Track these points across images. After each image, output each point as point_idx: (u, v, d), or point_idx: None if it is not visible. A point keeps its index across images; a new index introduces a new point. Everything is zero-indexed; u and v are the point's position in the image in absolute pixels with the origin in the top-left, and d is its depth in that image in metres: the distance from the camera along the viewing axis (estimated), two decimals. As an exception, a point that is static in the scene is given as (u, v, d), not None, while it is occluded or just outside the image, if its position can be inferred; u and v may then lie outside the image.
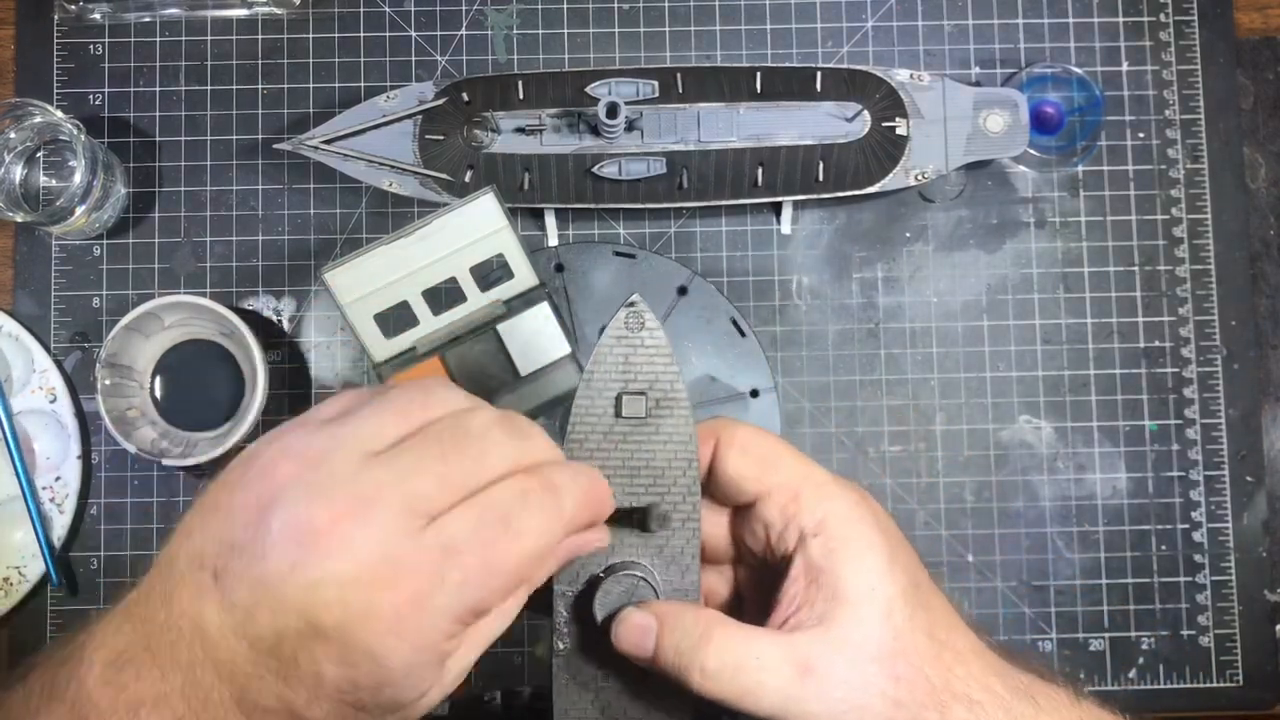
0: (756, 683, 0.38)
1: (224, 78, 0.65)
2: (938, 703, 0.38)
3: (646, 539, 0.41)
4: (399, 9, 0.66)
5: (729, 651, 0.38)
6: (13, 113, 0.61)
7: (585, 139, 0.60)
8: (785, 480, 0.41)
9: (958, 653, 0.39)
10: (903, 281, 0.65)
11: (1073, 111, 0.65)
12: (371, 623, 0.31)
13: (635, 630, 0.39)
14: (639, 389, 0.41)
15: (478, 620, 0.34)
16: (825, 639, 0.38)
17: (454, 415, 0.35)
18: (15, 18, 0.66)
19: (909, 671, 0.38)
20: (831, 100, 0.61)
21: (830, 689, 0.38)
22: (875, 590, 0.39)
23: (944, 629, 0.40)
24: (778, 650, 0.38)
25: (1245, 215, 0.65)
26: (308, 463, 0.33)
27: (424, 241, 0.55)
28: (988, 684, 0.39)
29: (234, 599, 0.32)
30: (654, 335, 0.42)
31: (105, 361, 0.59)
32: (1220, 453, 0.64)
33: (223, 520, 0.33)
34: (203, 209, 0.65)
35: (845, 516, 0.40)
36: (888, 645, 0.38)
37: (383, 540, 0.31)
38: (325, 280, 0.54)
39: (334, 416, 0.35)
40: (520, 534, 0.34)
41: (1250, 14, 0.67)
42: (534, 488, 0.34)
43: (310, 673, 0.32)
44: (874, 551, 0.39)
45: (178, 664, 0.32)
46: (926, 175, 0.61)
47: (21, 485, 0.62)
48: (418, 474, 0.33)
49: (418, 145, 0.60)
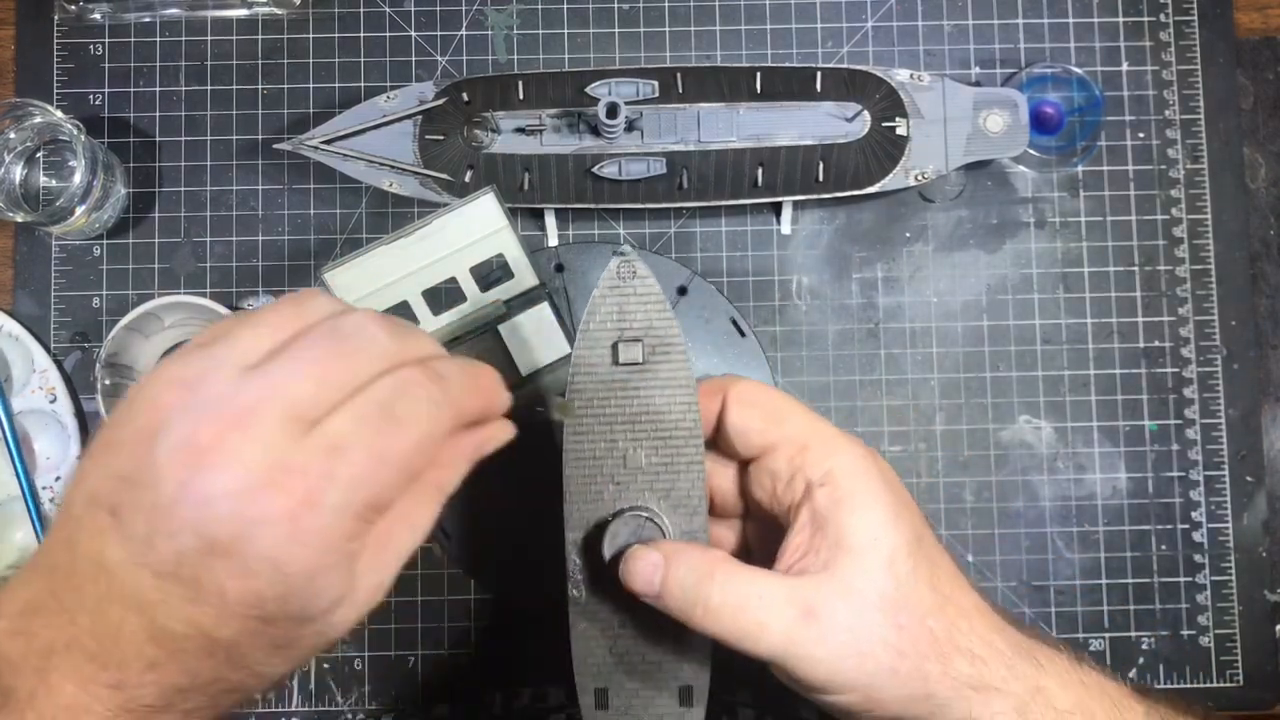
0: (759, 622, 0.38)
1: (224, 78, 0.65)
2: (940, 653, 0.38)
3: (652, 481, 0.42)
4: (399, 9, 0.66)
5: (732, 590, 0.38)
6: (13, 113, 0.61)
7: (585, 139, 0.61)
8: (793, 433, 0.41)
9: (961, 608, 0.40)
10: (903, 281, 0.65)
11: (1073, 111, 0.65)
12: (266, 530, 0.31)
13: (642, 567, 0.40)
14: (634, 336, 0.42)
15: (377, 518, 0.34)
16: (829, 584, 0.39)
17: (329, 318, 0.35)
18: (15, 18, 0.66)
19: (911, 622, 0.38)
20: (831, 100, 0.61)
21: (833, 633, 0.38)
22: (879, 540, 0.39)
23: (947, 584, 0.40)
24: (782, 591, 0.38)
25: (1245, 215, 0.65)
26: (186, 386, 0.33)
27: (424, 241, 0.55)
28: (990, 640, 0.39)
29: (131, 530, 0.32)
30: (645, 283, 0.42)
31: (105, 361, 0.59)
32: (1220, 453, 0.64)
33: (113, 456, 0.33)
34: (203, 209, 0.65)
35: (852, 469, 0.40)
36: (890, 594, 0.38)
37: (266, 448, 0.31)
38: (325, 280, 0.54)
39: (211, 340, 0.35)
40: (404, 422, 0.33)
41: (1250, 14, 0.67)
42: (414, 379, 0.34)
43: (214, 591, 0.32)
44: (879, 503, 0.40)
45: (84, 605, 0.33)
46: (926, 175, 0.61)
47: (21, 485, 0.62)
48: (294, 379, 0.33)
49: (418, 145, 0.61)
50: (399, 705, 0.62)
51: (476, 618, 0.62)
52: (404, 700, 0.62)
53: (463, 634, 0.62)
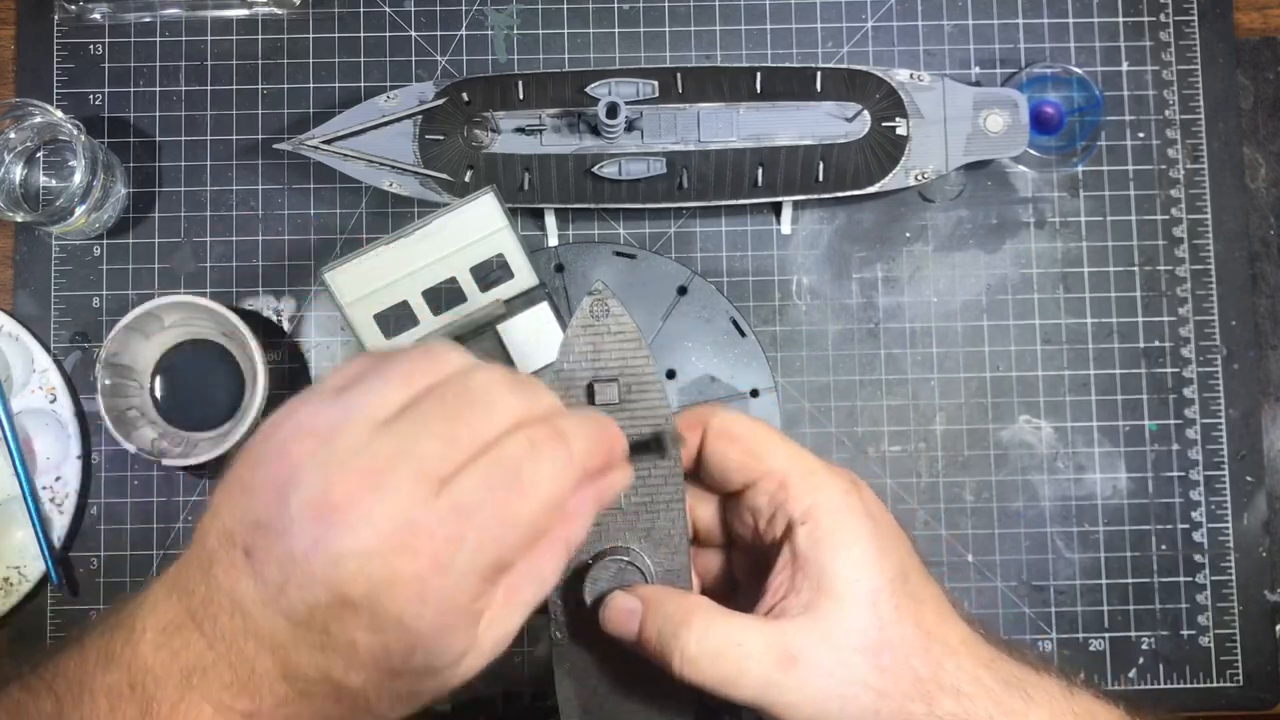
0: (738, 669, 0.38)
1: (224, 78, 0.65)
2: (924, 694, 0.38)
3: (632, 521, 0.41)
4: (399, 9, 0.66)
5: (710, 637, 0.38)
6: (13, 113, 0.61)
7: (585, 139, 0.60)
8: (773, 468, 0.40)
9: (947, 645, 0.39)
10: (903, 281, 0.65)
11: (1073, 111, 0.65)
12: (396, 590, 0.32)
13: (620, 614, 0.40)
14: (610, 375, 0.41)
15: (503, 577, 0.34)
16: (809, 629, 0.38)
17: (457, 375, 0.35)
18: (15, 18, 0.66)
19: (894, 663, 0.38)
20: (831, 100, 0.61)
21: (813, 678, 0.38)
22: (860, 581, 0.39)
23: (934, 620, 0.40)
24: (760, 637, 0.38)
25: (1245, 215, 0.65)
26: (320, 438, 0.33)
27: (424, 241, 0.55)
28: (977, 676, 0.39)
29: (265, 575, 0.32)
30: (620, 321, 0.42)
31: (105, 361, 0.59)
32: (1220, 453, 0.64)
33: (246, 498, 0.33)
34: (203, 209, 0.65)
35: (833, 506, 0.40)
36: (873, 636, 0.38)
37: (398, 509, 0.32)
38: (325, 280, 0.54)
39: (343, 385, 0.35)
40: (532, 484, 0.34)
41: (1250, 14, 0.67)
42: (541, 437, 0.34)
43: (344, 642, 0.32)
44: (861, 542, 0.39)
45: (220, 634, 0.33)
46: (926, 175, 0.61)
47: (21, 485, 0.62)
48: (425, 438, 0.33)
49: (418, 145, 0.60)
50: None
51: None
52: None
53: (463, 634, 0.62)
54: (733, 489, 0.42)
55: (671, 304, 0.63)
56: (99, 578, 0.63)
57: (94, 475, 0.63)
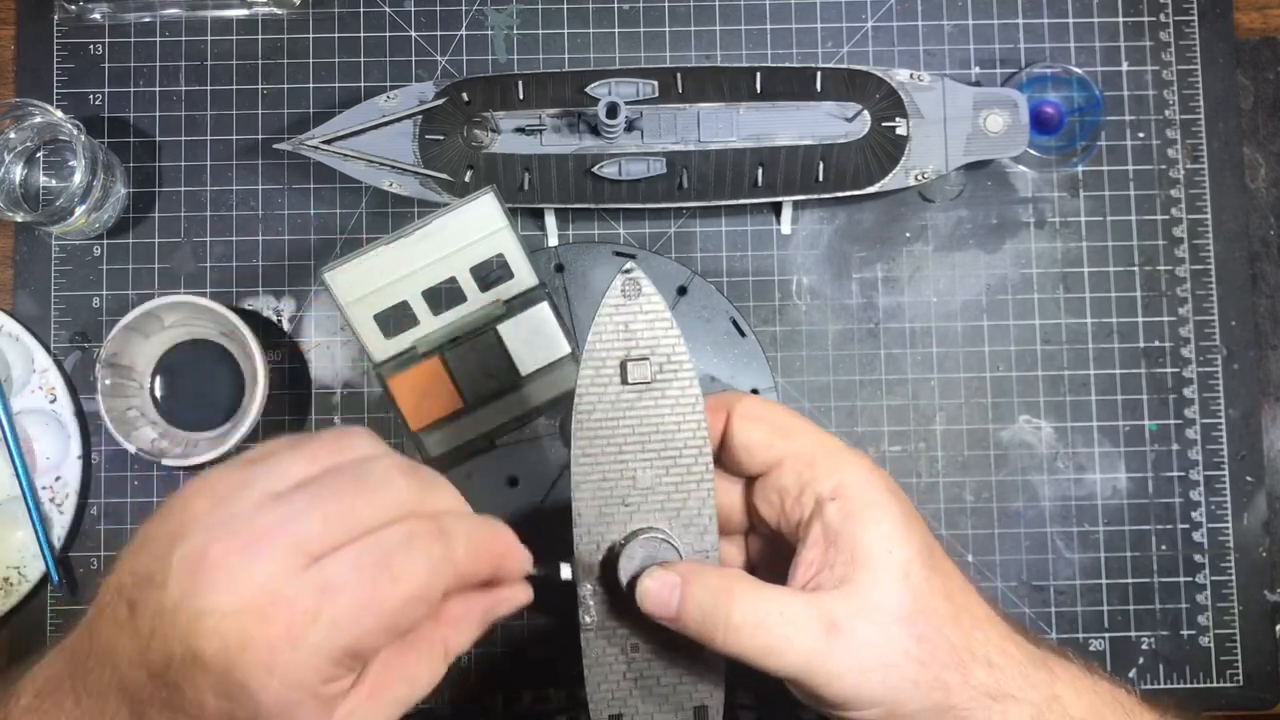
0: (781, 638, 0.38)
1: (224, 78, 0.65)
2: (959, 663, 0.38)
3: (662, 501, 0.41)
4: (399, 9, 0.66)
5: (752, 608, 0.38)
6: (13, 113, 0.61)
7: (585, 139, 0.60)
8: (800, 448, 0.41)
9: (975, 617, 0.40)
10: (903, 281, 0.65)
11: (1073, 111, 0.65)
12: (247, 655, 0.32)
13: (660, 589, 0.40)
14: (642, 354, 0.41)
15: (358, 666, 0.34)
16: (847, 600, 0.38)
17: (359, 460, 0.36)
18: (15, 18, 0.66)
19: (930, 632, 0.38)
20: (831, 100, 0.61)
21: (856, 648, 0.38)
22: (893, 554, 0.39)
23: (960, 594, 0.40)
24: (803, 608, 0.38)
25: (1245, 215, 0.65)
26: (217, 499, 0.34)
27: (424, 241, 0.55)
28: (1005, 649, 0.39)
29: (139, 627, 0.33)
30: (652, 301, 0.42)
31: (105, 361, 0.59)
32: (1220, 453, 0.64)
33: (141, 552, 0.34)
34: (203, 209, 0.65)
35: (861, 481, 0.40)
36: (908, 606, 0.38)
37: (265, 575, 0.32)
38: (325, 280, 0.54)
39: (257, 458, 0.36)
40: (399, 576, 0.34)
41: (1250, 14, 0.67)
42: (421, 530, 0.35)
43: (194, 701, 0.33)
44: (890, 516, 0.40)
45: (90, 691, 0.34)
46: (926, 175, 0.61)
47: (21, 485, 0.62)
48: (308, 514, 0.34)
49: (418, 145, 0.60)
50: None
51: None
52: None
53: (463, 634, 0.62)
54: (758, 470, 0.42)
55: (671, 304, 0.63)
56: (99, 578, 0.62)
57: (94, 475, 0.63)
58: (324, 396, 0.64)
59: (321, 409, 0.64)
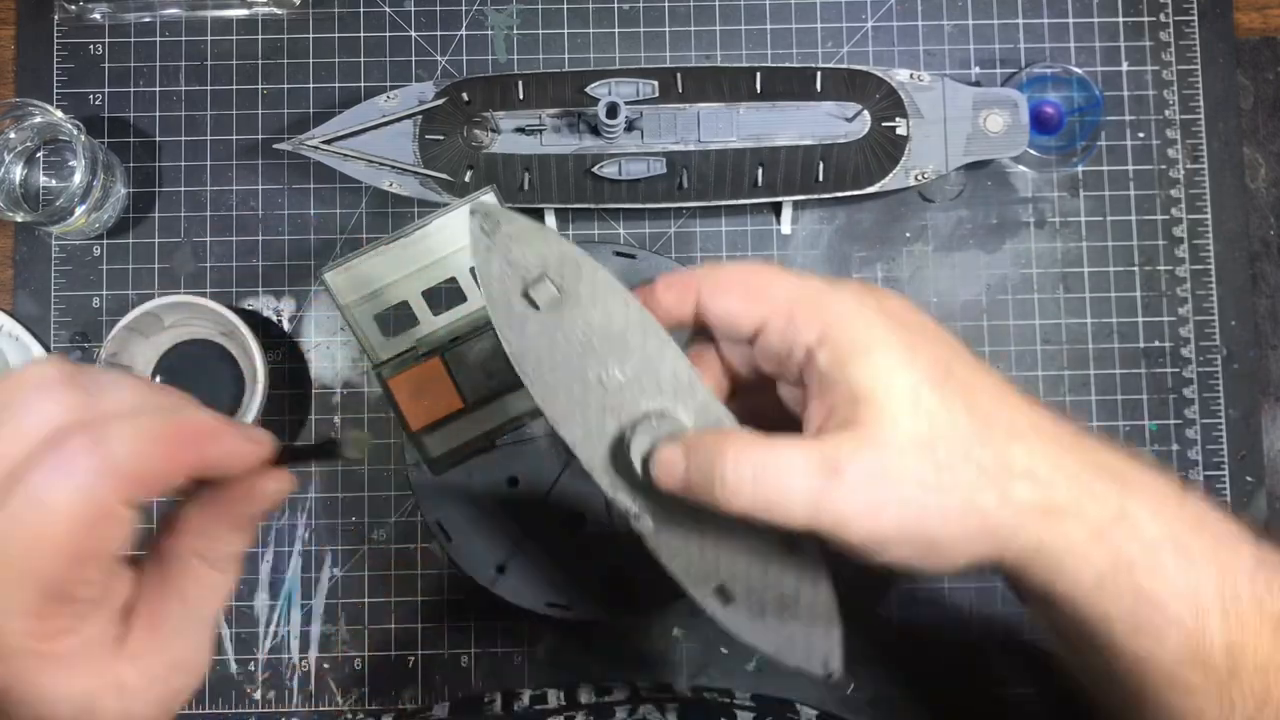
0: (779, 489, 0.36)
1: (224, 78, 0.65)
2: (993, 483, 0.36)
3: (639, 387, 0.40)
4: (399, 9, 0.66)
5: (747, 462, 0.36)
6: (13, 113, 0.61)
7: (585, 139, 0.61)
8: (776, 305, 0.38)
9: (1013, 430, 0.37)
10: (903, 281, 0.65)
11: (1073, 111, 0.65)
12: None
13: (666, 466, 0.38)
14: (536, 276, 0.40)
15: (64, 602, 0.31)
16: (850, 438, 0.36)
17: (7, 384, 0.32)
18: (15, 18, 0.66)
19: (950, 456, 0.36)
20: (831, 100, 0.61)
21: (862, 486, 0.35)
22: (895, 382, 0.36)
23: (992, 407, 0.37)
24: (800, 454, 0.36)
25: (1245, 215, 0.65)
26: None
27: (424, 241, 0.55)
28: (1059, 461, 0.37)
29: None
30: (514, 222, 0.40)
31: (105, 361, 0.59)
32: (1220, 453, 0.64)
33: None
34: (203, 209, 0.65)
35: (846, 319, 0.38)
36: (922, 433, 0.36)
37: None
38: (325, 280, 0.54)
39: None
40: (50, 504, 0.30)
41: (1250, 14, 0.67)
42: (72, 446, 0.30)
43: None
44: (885, 344, 0.37)
45: None
46: (926, 175, 0.61)
47: (21, 485, 0.61)
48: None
49: (418, 145, 0.61)
50: (399, 705, 0.62)
51: (476, 618, 0.62)
52: (404, 700, 0.62)
53: (463, 634, 0.62)
54: (747, 336, 0.40)
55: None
56: None
57: (94, 475, 0.63)
58: (324, 396, 0.64)
59: (321, 409, 0.64)
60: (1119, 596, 0.37)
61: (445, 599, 0.62)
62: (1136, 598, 0.37)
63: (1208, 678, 0.37)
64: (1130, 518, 0.36)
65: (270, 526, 0.63)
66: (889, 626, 0.62)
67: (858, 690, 0.62)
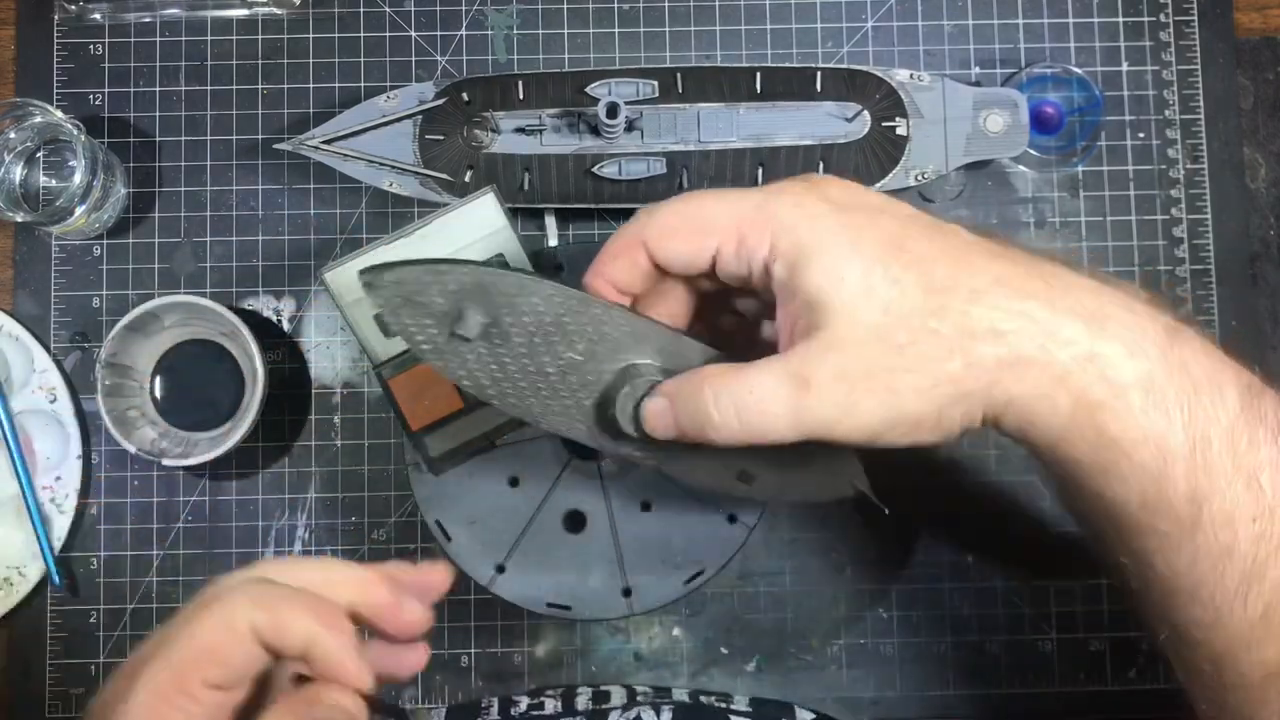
0: (760, 414, 0.37)
1: (224, 78, 0.65)
2: (957, 349, 0.36)
3: (596, 357, 0.40)
4: (399, 9, 0.66)
5: (726, 395, 0.37)
6: (13, 113, 0.61)
7: (585, 139, 0.61)
8: (723, 232, 0.39)
9: (972, 291, 0.37)
10: (903, 281, 0.65)
11: (1073, 111, 0.65)
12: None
13: (655, 417, 0.39)
14: (456, 313, 0.40)
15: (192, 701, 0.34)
16: (812, 346, 0.37)
17: None
18: (15, 18, 0.66)
19: (911, 336, 0.36)
20: (831, 100, 0.61)
21: (833, 389, 0.36)
22: (845, 277, 0.36)
23: (947, 274, 0.37)
24: (770, 376, 0.37)
25: (1245, 215, 0.65)
26: None
27: (424, 241, 0.55)
28: (1021, 310, 0.36)
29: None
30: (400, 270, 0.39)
31: (105, 361, 0.59)
32: (1220, 453, 0.64)
33: None
34: (203, 209, 0.65)
35: (789, 225, 0.38)
36: (879, 321, 0.36)
37: None
38: (325, 280, 0.54)
39: None
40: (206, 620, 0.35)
41: (1250, 14, 0.66)
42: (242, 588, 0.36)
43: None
44: (831, 240, 0.37)
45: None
46: (926, 175, 0.61)
47: (21, 485, 0.62)
48: None
49: (418, 145, 0.61)
50: (399, 705, 0.62)
51: (476, 618, 0.62)
52: (403, 700, 0.62)
53: (462, 634, 0.62)
54: (705, 271, 0.40)
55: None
56: (99, 578, 0.62)
57: (94, 475, 0.63)
58: (324, 396, 0.64)
59: (321, 409, 0.64)
60: (1083, 439, 0.36)
61: (445, 599, 0.62)
62: (1100, 440, 0.36)
63: (1175, 526, 0.36)
64: (1101, 359, 0.36)
65: (271, 526, 0.63)
66: (888, 623, 0.62)
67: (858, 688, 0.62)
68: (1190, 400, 0.36)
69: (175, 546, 0.63)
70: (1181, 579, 0.37)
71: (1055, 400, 0.36)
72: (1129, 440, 0.36)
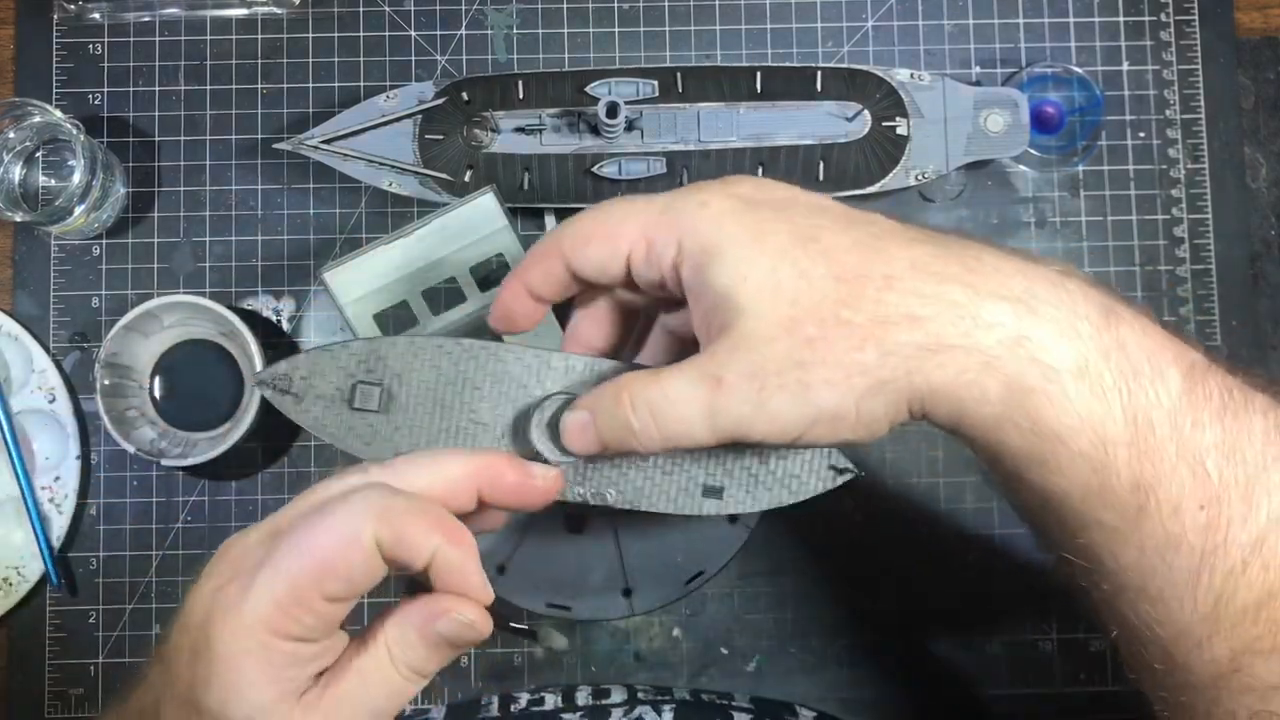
0: (677, 419, 0.36)
1: (224, 78, 0.65)
2: (868, 337, 0.35)
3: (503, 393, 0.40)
4: (399, 9, 0.66)
5: (643, 403, 0.36)
6: (12, 113, 0.61)
7: (585, 139, 0.60)
8: (632, 237, 0.38)
9: (886, 277, 0.35)
10: (903, 281, 0.65)
11: (1073, 111, 0.65)
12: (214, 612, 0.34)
13: (575, 432, 0.38)
14: (348, 390, 0.40)
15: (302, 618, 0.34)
16: (724, 345, 0.36)
17: None
18: (15, 17, 0.66)
19: (821, 328, 0.35)
20: (831, 100, 0.61)
21: (745, 388, 0.35)
22: (748, 275, 0.36)
23: (858, 263, 0.36)
24: (684, 379, 0.36)
25: (1245, 215, 0.65)
26: None
27: (424, 241, 0.55)
28: (939, 294, 0.35)
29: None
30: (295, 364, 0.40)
31: (105, 361, 0.59)
32: (1221, 453, 0.64)
33: None
34: (202, 209, 0.65)
35: (694, 226, 0.37)
36: (785, 315, 0.35)
37: None
38: (325, 280, 0.54)
39: None
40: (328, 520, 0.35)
41: (1250, 14, 0.66)
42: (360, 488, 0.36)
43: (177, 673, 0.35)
44: (733, 240, 0.36)
45: None
46: (927, 175, 0.61)
47: (21, 485, 0.61)
48: None
49: (418, 145, 0.60)
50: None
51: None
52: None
53: (462, 634, 0.62)
54: (622, 279, 0.40)
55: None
56: (98, 578, 0.62)
57: (93, 475, 0.63)
58: (323, 396, 0.64)
59: (321, 409, 0.64)
60: (1016, 428, 0.35)
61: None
62: (1035, 428, 0.35)
63: (1120, 517, 0.35)
64: (1030, 343, 0.34)
65: (270, 527, 0.63)
66: (888, 623, 0.62)
67: (857, 689, 0.62)
68: (1129, 382, 0.35)
69: (174, 547, 0.63)
70: (1129, 573, 0.36)
71: (984, 387, 0.35)
72: (1065, 427, 0.34)
